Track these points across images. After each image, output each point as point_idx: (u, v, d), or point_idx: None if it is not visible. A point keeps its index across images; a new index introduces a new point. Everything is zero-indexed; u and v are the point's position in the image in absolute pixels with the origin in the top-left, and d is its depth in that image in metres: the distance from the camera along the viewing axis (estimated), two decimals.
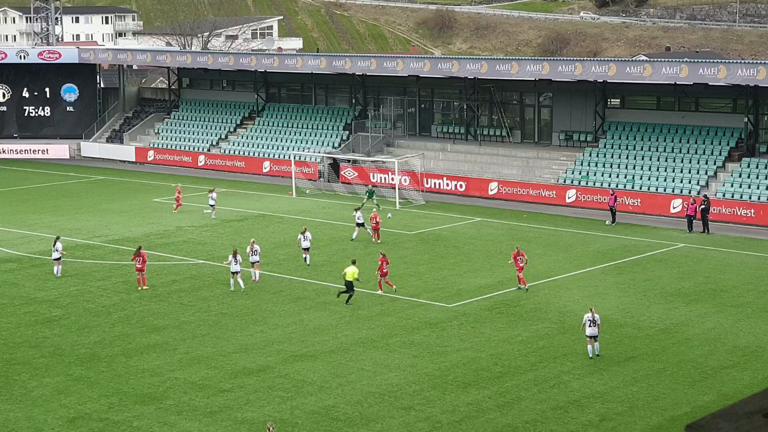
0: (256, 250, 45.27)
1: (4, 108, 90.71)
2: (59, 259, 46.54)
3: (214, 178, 77.06)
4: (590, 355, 34.72)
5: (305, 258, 48.38)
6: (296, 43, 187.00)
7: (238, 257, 43.64)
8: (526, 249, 51.36)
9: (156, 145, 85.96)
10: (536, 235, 55.41)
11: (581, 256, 50.21)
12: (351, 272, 41.80)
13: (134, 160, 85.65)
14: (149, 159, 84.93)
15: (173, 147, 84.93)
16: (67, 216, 61.70)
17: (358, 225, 54.08)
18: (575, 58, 67.32)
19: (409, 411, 30.48)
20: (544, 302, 41.66)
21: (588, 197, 63.30)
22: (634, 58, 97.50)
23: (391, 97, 77.32)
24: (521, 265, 43.33)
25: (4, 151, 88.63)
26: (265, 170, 77.98)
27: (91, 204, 66.02)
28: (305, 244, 48.41)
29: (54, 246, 46.60)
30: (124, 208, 64.41)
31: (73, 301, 42.59)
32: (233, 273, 43.76)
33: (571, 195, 63.97)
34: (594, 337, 34.68)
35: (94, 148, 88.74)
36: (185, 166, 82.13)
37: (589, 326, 34.61)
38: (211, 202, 59.48)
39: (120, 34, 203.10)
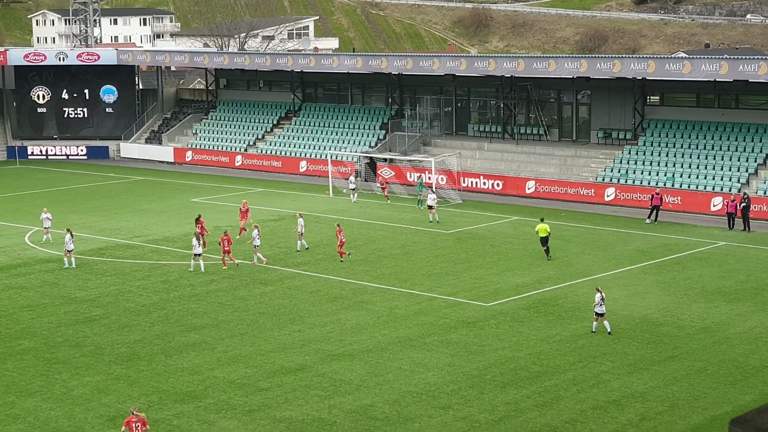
0: (255, 235, 48.11)
1: (44, 109, 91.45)
2: (71, 251, 48.18)
3: (251, 178, 77.34)
4: (593, 330, 36.96)
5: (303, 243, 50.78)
6: (332, 42, 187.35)
7: (201, 240, 47.38)
8: (564, 248, 51.27)
9: (194, 146, 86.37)
10: (574, 233, 55.15)
11: (620, 255, 49.92)
12: (543, 228, 48.01)
13: (173, 160, 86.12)
14: (187, 159, 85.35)
15: (211, 147, 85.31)
16: (106, 216, 62.11)
17: (429, 208, 57.91)
18: (613, 55, 66.80)
19: (447, 410, 30.40)
20: (583, 301, 41.42)
21: (627, 195, 62.94)
22: (673, 55, 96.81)
23: (427, 96, 77.22)
24: (343, 240, 48.46)
25: (44, 152, 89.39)
26: (301, 170, 78.15)
27: (130, 204, 66.43)
28: (300, 230, 50.99)
29: (66, 239, 48.36)
30: (163, 208, 64.76)
31: (113, 301, 42.86)
32: (195, 255, 47.00)
33: (610, 193, 63.63)
34: (602, 315, 36.87)
35: (133, 148, 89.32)
36: (223, 167, 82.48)
37: (600, 305, 36.75)
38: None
39: (158, 36, 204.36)
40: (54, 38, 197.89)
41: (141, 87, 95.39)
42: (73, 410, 30.91)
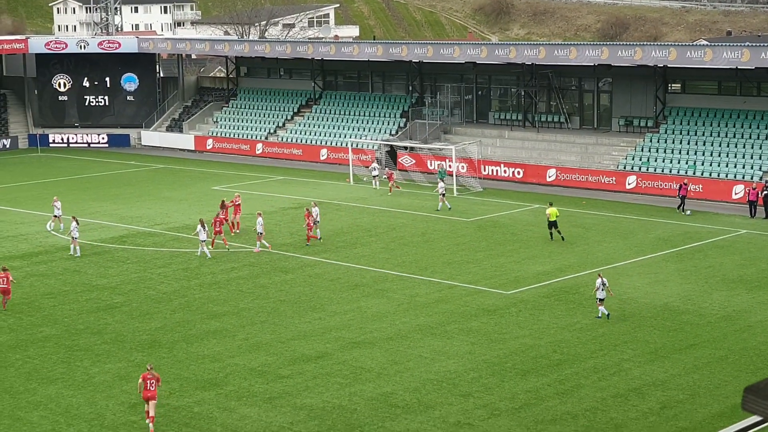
0: (260, 223, 48.62)
1: (66, 97, 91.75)
2: (76, 238, 48.63)
3: (272, 166, 77.42)
4: (599, 316, 37.34)
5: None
6: (353, 30, 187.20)
7: (206, 227, 47.98)
8: (585, 236, 51.15)
9: (215, 134, 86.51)
10: (595, 221, 55.01)
11: (642, 243, 49.77)
12: (553, 212, 49.24)
13: (193, 148, 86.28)
14: (208, 147, 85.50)
15: (232, 135, 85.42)
16: (128, 204, 62.30)
17: (442, 195, 57.99)
18: (635, 43, 66.57)
19: (467, 398, 30.41)
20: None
21: (649, 183, 62.71)
22: (694, 43, 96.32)
23: (448, 84, 77.08)
24: (311, 224, 49.70)
25: (65, 140, 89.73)
26: (322, 158, 78.17)
27: (151, 192, 66.62)
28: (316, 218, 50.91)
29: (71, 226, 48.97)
30: (184, 196, 64.92)
31: (134, 288, 43.01)
32: (202, 241, 47.74)
33: (631, 181, 63.41)
34: (602, 300, 37.40)
35: (154, 136, 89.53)
36: (243, 155, 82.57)
37: (600, 290, 37.23)
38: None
39: (178, 24, 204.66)
40: (75, 26, 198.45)
41: (162, 75, 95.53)
42: (94, 397, 31.06)
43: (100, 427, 28.83)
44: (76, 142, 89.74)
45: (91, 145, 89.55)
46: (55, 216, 53.94)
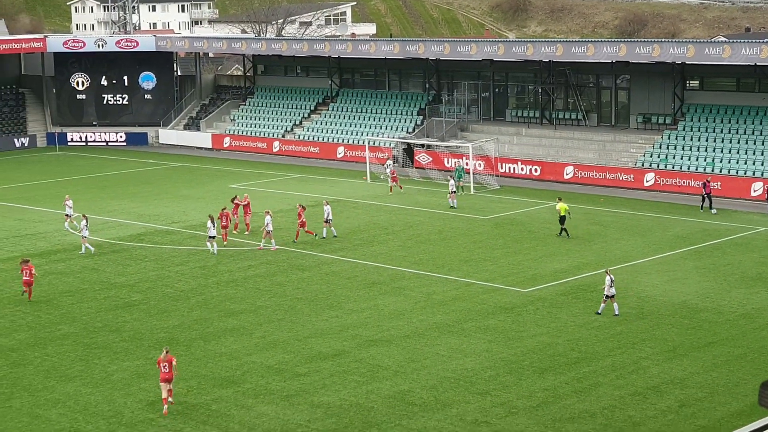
0: (268, 221, 48.48)
1: (84, 96, 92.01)
2: (86, 237, 48.95)
3: (289, 164, 77.48)
4: (599, 312, 37.60)
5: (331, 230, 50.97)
6: (370, 28, 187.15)
7: (215, 222, 48.40)
8: (603, 233, 51.03)
9: (232, 132, 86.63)
10: (613, 219, 54.87)
11: (660, 241, 49.61)
12: (563, 207, 49.63)
13: (211, 146, 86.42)
14: (225, 145, 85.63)
15: (249, 133, 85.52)
16: (145, 202, 62.46)
17: (452, 193, 58.25)
18: (653, 40, 66.38)
19: (484, 396, 30.39)
20: (622, 287, 41.21)
21: (667, 181, 62.49)
22: (712, 40, 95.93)
23: (465, 82, 76.99)
24: (305, 221, 50.07)
25: (84, 138, 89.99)
26: (339, 156, 78.18)
27: (169, 190, 66.77)
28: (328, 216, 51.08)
29: (81, 224, 49.33)
30: (202, 194, 65.03)
31: (152, 286, 43.12)
32: (210, 237, 47.95)
33: (649, 179, 63.21)
34: (612, 297, 37.50)
35: (171, 135, 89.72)
36: (260, 153, 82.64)
37: (610, 287, 37.33)
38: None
39: (196, 22, 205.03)
40: (93, 25, 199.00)
41: (179, 73, 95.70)
42: (112, 395, 31.17)
43: (118, 425, 28.93)
44: (94, 141, 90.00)
45: (109, 144, 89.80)
46: (67, 215, 54.06)
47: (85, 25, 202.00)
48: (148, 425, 28.88)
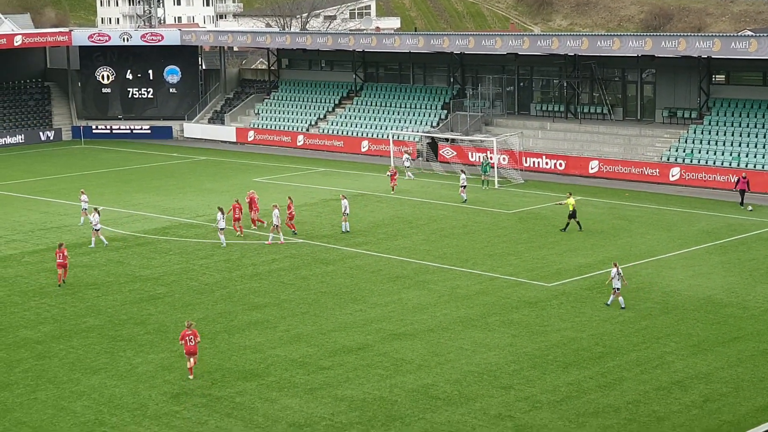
0: (276, 215, 48.47)
1: (109, 90, 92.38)
2: (98, 230, 48.98)
3: (313, 157, 77.57)
4: (608, 303, 37.82)
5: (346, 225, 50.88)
6: (394, 22, 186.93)
7: (224, 213, 48.64)
8: (628, 228, 50.86)
9: (256, 126, 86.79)
10: (638, 214, 54.68)
11: (685, 235, 49.40)
12: (569, 202, 49.49)
13: (235, 140, 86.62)
14: (249, 139, 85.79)
15: (273, 127, 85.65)
16: (170, 196, 62.66)
17: (463, 187, 58.05)
18: (679, 34, 66.00)
19: (508, 390, 30.35)
20: (647, 282, 41.10)
21: (692, 175, 62.21)
22: (739, 34, 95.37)
23: (489, 76, 76.82)
24: (293, 213, 50.54)
25: (109, 132, 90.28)
26: (363, 150, 78.18)
27: (193, 184, 66.97)
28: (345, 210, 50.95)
29: (93, 216, 49.36)
30: (226, 187, 65.17)
31: (176, 279, 43.26)
32: (221, 229, 48.28)
33: (675, 173, 62.94)
34: (618, 289, 37.65)
35: (196, 129, 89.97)
36: (284, 146, 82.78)
37: (616, 280, 37.53)
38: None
39: (221, 16, 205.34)
40: (118, 19, 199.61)
41: (204, 67, 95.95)
42: (137, 387, 31.30)
43: (143, 417, 29.06)
44: (119, 134, 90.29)
45: (134, 138, 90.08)
46: (84, 209, 54.12)
47: (110, 18, 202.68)
48: (172, 417, 28.99)
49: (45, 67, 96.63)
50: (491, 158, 65.66)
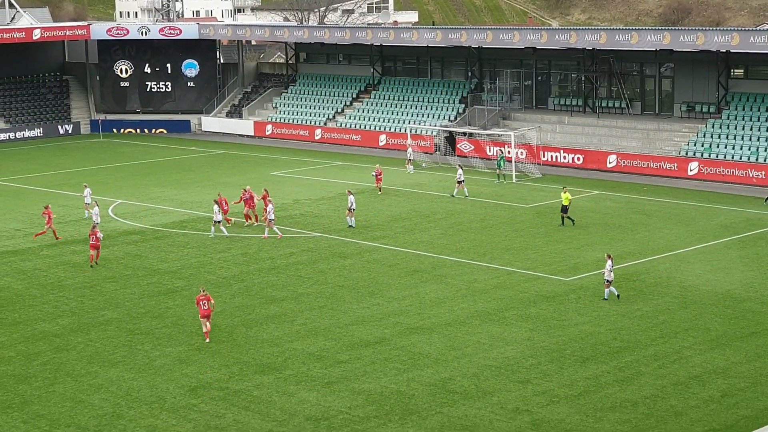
0: (270, 209, 48.82)
1: (127, 83, 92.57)
2: (98, 223, 49.35)
3: (330, 151, 77.56)
4: (606, 297, 37.84)
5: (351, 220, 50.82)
6: (412, 16, 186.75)
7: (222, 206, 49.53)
8: (646, 222, 50.72)
9: (274, 120, 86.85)
10: (657, 208, 54.51)
11: (704, 230, 49.23)
12: (565, 197, 49.47)
13: (253, 134, 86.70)
14: (267, 133, 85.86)
15: (291, 121, 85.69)
16: (188, 189, 62.78)
17: (459, 182, 57.87)
18: (697, 28, 65.72)
19: (526, 384, 30.32)
20: (665, 276, 40.98)
21: (711, 170, 61.97)
22: (757, 28, 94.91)
23: (507, 70, 76.69)
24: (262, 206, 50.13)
25: (127, 126, 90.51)
26: (381, 144, 78.17)
27: (211, 177, 67.07)
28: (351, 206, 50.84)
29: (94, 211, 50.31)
30: (243, 181, 65.07)
31: (194, 273, 43.35)
32: (216, 222, 48.98)
33: (693, 167, 62.71)
34: (610, 282, 37.78)
35: (214, 122, 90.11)
36: (302, 140, 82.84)
37: (609, 272, 37.71)
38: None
39: (239, 10, 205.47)
40: (136, 12, 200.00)
41: (222, 61, 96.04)
42: (155, 380, 31.40)
43: (160, 410, 29.15)
44: (137, 128, 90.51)
45: (152, 131, 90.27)
46: (87, 203, 54.00)
47: (128, 12, 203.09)
48: (190, 410, 29.08)
49: (63, 61, 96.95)
50: (509, 153, 65.51)
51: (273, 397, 29.82)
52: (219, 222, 49.14)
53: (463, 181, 58.16)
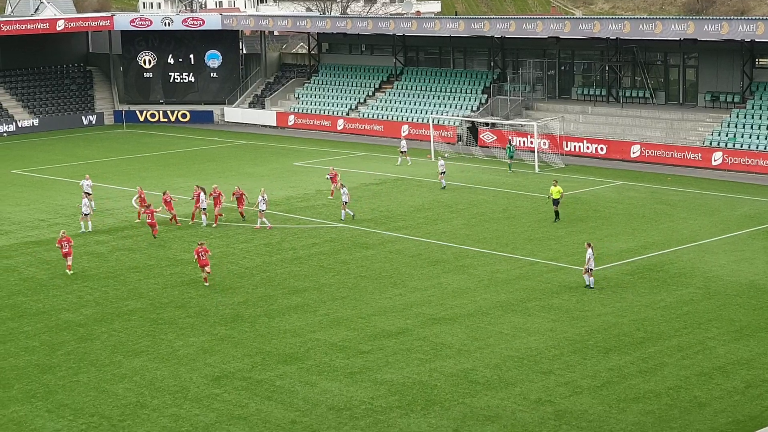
0: (264, 199, 49.17)
1: (151, 74, 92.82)
2: (87, 214, 50.04)
3: (353, 141, 77.55)
4: (587, 284, 38.25)
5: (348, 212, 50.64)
6: (434, 6, 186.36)
7: (206, 195, 50.44)
8: (670, 213, 50.49)
9: (296, 110, 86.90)
10: (681, 198, 54.27)
11: (728, 220, 48.98)
12: (556, 190, 48.71)
13: (275, 124, 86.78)
14: (290, 123, 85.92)
15: (313, 111, 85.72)
16: (210, 180, 62.75)
17: (442, 173, 57.98)
18: (722, 17, 65.28)
19: (548, 375, 30.27)
20: (689, 267, 40.80)
21: (735, 160, 61.64)
22: None
23: (530, 60, 76.43)
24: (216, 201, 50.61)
25: (151, 116, 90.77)
26: (403, 134, 78.08)
27: (234, 168, 67.19)
28: (345, 198, 50.47)
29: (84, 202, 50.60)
30: (266, 172, 65.36)
31: (217, 263, 43.42)
32: (202, 209, 50.16)
33: (717, 158, 62.38)
34: (591, 270, 38.21)
35: (236, 113, 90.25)
36: (325, 131, 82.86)
37: (592, 261, 38.10)
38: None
39: (261, 1, 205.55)
40: (159, 3, 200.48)
41: (245, 52, 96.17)
42: (178, 370, 31.51)
43: (183, 399, 29.26)
44: (160, 119, 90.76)
45: (175, 122, 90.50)
46: (87, 193, 53.46)
47: (151, 3, 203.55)
48: (213, 400, 29.17)
49: (87, 52, 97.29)
50: (531, 142, 65.30)
51: (296, 387, 29.87)
52: (204, 209, 50.12)
53: (444, 172, 58.02)
